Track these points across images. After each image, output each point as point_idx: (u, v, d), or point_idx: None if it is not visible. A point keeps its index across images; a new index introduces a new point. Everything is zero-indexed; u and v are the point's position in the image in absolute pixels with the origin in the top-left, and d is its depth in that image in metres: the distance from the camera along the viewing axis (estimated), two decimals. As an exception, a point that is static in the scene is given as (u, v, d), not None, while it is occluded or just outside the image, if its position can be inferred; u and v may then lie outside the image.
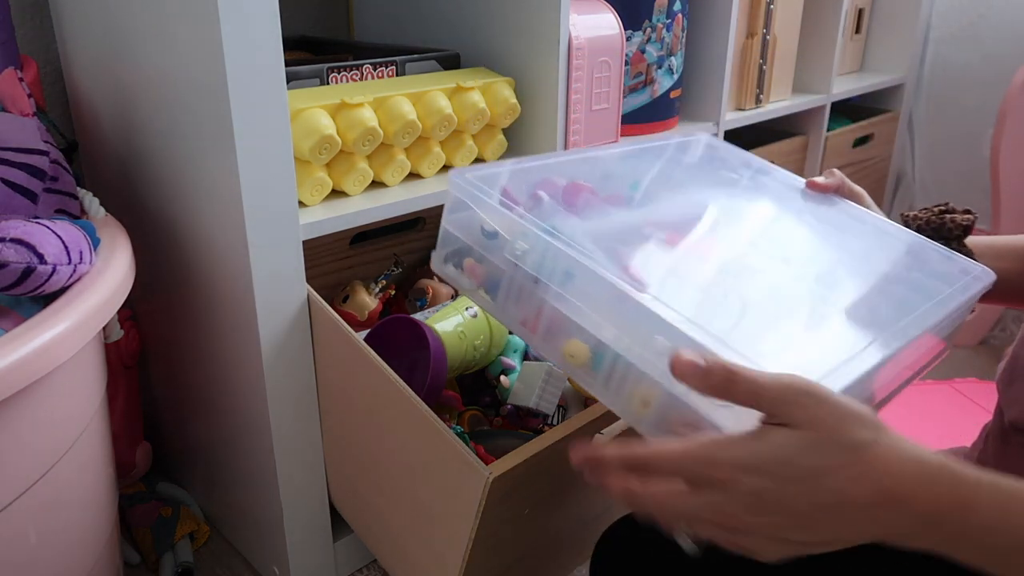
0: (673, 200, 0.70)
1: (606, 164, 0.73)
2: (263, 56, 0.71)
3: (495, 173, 0.62)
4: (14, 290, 0.63)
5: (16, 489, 0.62)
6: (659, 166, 0.74)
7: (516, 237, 0.55)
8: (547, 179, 0.64)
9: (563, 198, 0.63)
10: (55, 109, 1.05)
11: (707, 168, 0.77)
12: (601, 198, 0.65)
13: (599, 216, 0.62)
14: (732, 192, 0.72)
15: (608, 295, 0.49)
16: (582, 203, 0.63)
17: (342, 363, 0.82)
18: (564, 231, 0.54)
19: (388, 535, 0.86)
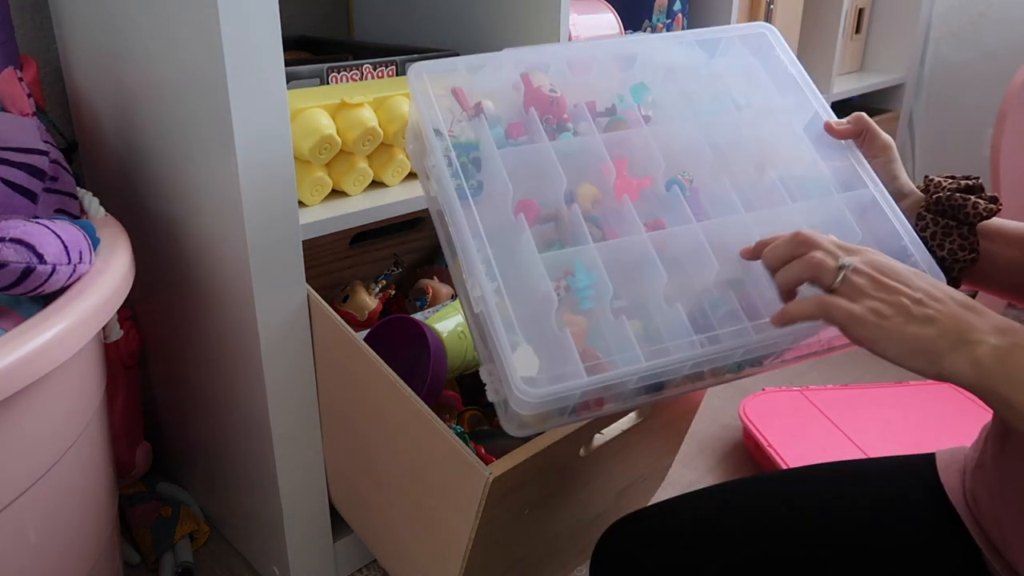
0: (639, 134, 0.69)
1: (613, 61, 0.73)
2: (263, 56, 0.71)
3: (450, 68, 0.68)
4: (14, 290, 0.63)
5: (16, 489, 0.62)
6: (671, 74, 0.73)
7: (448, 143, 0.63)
8: (526, 74, 0.69)
9: (522, 104, 0.68)
10: (55, 109, 1.05)
11: (720, 87, 0.74)
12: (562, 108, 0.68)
13: (533, 143, 0.66)
14: (707, 129, 0.70)
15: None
16: (527, 123, 0.67)
17: (342, 363, 0.82)
18: (484, 156, 0.63)
19: (388, 535, 0.86)
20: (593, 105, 0.69)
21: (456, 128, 0.65)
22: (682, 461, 1.28)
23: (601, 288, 0.59)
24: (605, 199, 0.64)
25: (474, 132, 0.65)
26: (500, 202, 0.62)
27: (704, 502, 0.70)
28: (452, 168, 0.62)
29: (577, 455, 0.77)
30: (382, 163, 0.91)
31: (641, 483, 1.00)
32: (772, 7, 1.41)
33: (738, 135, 0.69)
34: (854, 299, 0.51)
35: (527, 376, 0.54)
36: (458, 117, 0.66)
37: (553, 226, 0.62)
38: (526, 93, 0.68)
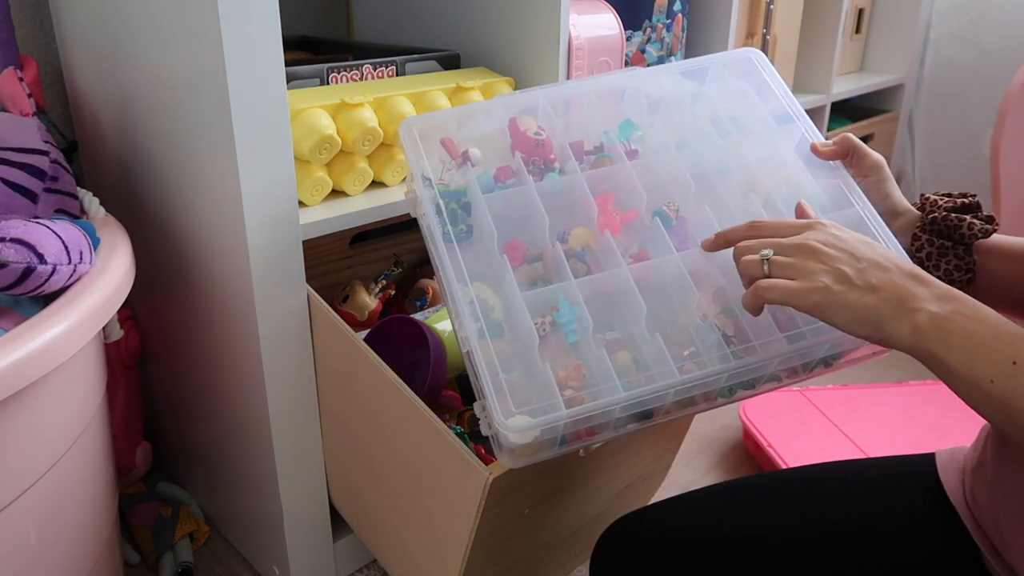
0: (631, 168, 0.71)
1: (599, 101, 0.76)
2: (263, 56, 0.71)
3: (441, 121, 0.73)
4: (14, 290, 0.63)
5: (16, 489, 0.62)
6: (660, 108, 0.75)
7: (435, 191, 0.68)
8: (514, 119, 0.72)
9: (511, 146, 0.71)
10: (55, 109, 1.05)
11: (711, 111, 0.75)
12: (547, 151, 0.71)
13: (520, 185, 0.69)
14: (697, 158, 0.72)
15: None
16: (512, 169, 0.70)
17: (342, 363, 0.82)
18: (472, 200, 0.67)
19: (388, 535, 0.86)
20: (580, 144, 0.73)
21: (446, 176, 0.69)
22: (682, 461, 1.29)
23: (584, 322, 0.61)
24: (593, 237, 0.67)
25: (463, 179, 0.69)
26: (487, 244, 0.65)
27: (704, 502, 0.70)
28: (441, 216, 0.66)
29: (577, 455, 0.77)
30: (382, 163, 0.91)
31: (641, 483, 1.00)
32: (772, 7, 1.41)
33: (725, 162, 0.71)
34: (792, 277, 0.54)
35: (513, 424, 0.57)
36: (447, 166, 0.70)
37: (539, 266, 0.65)
38: (513, 138, 0.71)
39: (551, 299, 0.62)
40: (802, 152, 0.72)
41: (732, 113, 0.75)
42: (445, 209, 0.66)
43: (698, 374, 0.59)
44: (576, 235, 0.67)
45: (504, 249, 0.65)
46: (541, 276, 0.65)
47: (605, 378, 0.59)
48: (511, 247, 0.65)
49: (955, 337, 0.48)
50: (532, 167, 0.70)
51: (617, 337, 0.62)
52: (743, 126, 0.74)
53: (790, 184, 0.70)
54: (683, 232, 0.67)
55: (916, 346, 0.49)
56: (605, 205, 0.68)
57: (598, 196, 0.68)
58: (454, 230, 0.65)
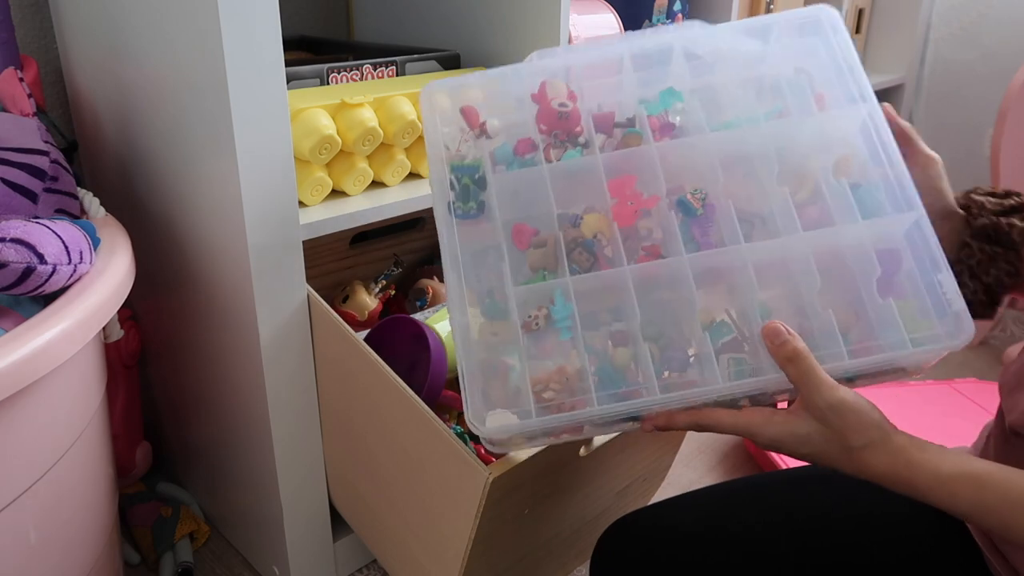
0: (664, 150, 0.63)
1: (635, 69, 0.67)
2: (263, 56, 0.71)
3: (464, 86, 0.67)
4: (14, 290, 0.63)
5: (16, 489, 0.62)
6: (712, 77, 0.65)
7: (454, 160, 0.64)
8: (544, 83, 0.65)
9: (536, 117, 0.65)
10: (55, 109, 1.05)
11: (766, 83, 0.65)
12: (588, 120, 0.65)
13: (536, 163, 0.64)
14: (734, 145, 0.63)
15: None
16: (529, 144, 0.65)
17: (342, 363, 0.82)
18: (488, 178, 0.63)
19: (388, 535, 0.86)
20: (610, 117, 0.65)
21: (463, 147, 0.65)
22: (682, 461, 1.29)
23: (578, 319, 0.58)
24: (607, 224, 0.61)
25: (480, 151, 0.64)
26: (493, 225, 0.62)
27: (704, 502, 0.70)
28: (455, 191, 0.62)
29: (577, 455, 0.77)
30: (382, 163, 0.91)
31: (641, 483, 1.00)
32: (772, 7, 1.41)
33: (772, 143, 0.62)
34: None
35: (486, 423, 0.56)
36: (466, 136, 0.65)
37: (545, 252, 0.61)
38: (539, 108, 0.65)
39: (548, 292, 0.59)
40: (861, 137, 0.62)
41: (789, 84, 0.64)
42: (457, 184, 0.62)
43: (681, 393, 0.55)
44: (589, 221, 0.61)
45: (513, 232, 0.61)
46: (544, 265, 0.61)
47: (586, 385, 0.56)
48: (518, 230, 0.62)
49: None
50: (555, 141, 0.64)
51: (621, 329, 0.59)
52: (800, 100, 0.64)
53: (845, 177, 0.61)
54: (705, 225, 0.60)
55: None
56: (624, 189, 0.62)
57: (618, 178, 0.62)
58: (464, 207, 0.62)
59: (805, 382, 0.52)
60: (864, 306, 0.57)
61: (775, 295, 0.59)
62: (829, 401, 0.51)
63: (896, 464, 0.51)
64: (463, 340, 0.58)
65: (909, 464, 0.51)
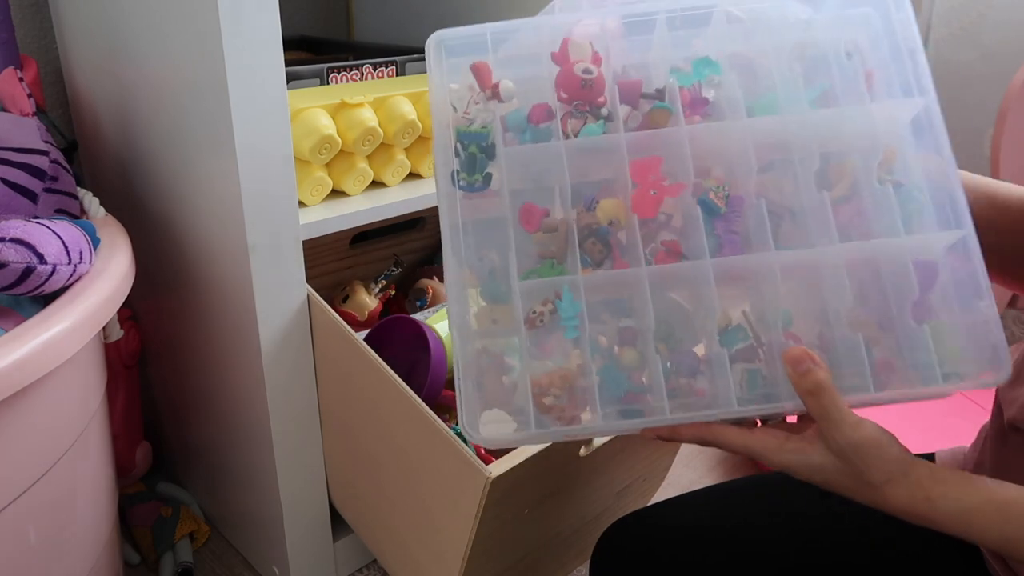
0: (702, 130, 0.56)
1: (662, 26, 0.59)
2: (263, 56, 0.71)
3: (477, 38, 0.60)
4: (14, 290, 0.63)
5: (16, 489, 0.62)
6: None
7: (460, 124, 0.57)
8: (567, 42, 0.57)
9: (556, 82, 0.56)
10: (55, 109, 1.05)
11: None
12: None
13: (551, 137, 0.56)
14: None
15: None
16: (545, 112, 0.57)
17: (342, 363, 0.82)
18: (497, 146, 0.56)
19: (388, 535, 0.86)
20: (637, 86, 0.57)
21: (472, 110, 0.57)
22: (682, 461, 1.28)
23: (585, 319, 0.54)
24: (624, 212, 0.55)
25: (490, 115, 0.56)
26: (501, 201, 0.55)
27: (704, 502, 0.70)
28: (460, 158, 0.55)
29: (577, 455, 0.77)
30: (382, 163, 0.91)
31: (641, 483, 1.00)
32: None
33: (813, 134, 0.55)
34: None
35: (480, 431, 0.52)
36: (475, 98, 0.57)
37: (555, 236, 0.56)
38: (560, 71, 0.57)
39: (555, 287, 0.54)
40: (917, 134, 0.56)
41: (836, 59, 0.57)
42: (463, 152, 0.55)
43: (686, 415, 0.52)
44: (605, 206, 0.55)
45: (520, 212, 0.55)
46: (553, 254, 0.55)
47: (590, 395, 0.52)
48: (527, 210, 0.55)
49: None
50: (575, 111, 0.56)
51: (630, 326, 0.54)
52: (847, 80, 0.56)
53: (887, 174, 0.54)
54: (729, 225, 0.55)
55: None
56: (647, 173, 0.55)
57: (643, 159, 0.55)
58: (469, 178, 0.55)
59: (825, 417, 0.48)
60: (895, 329, 0.52)
61: (800, 301, 0.54)
62: (851, 440, 0.48)
63: (915, 499, 0.49)
64: (459, 326, 0.54)
65: (929, 499, 0.49)
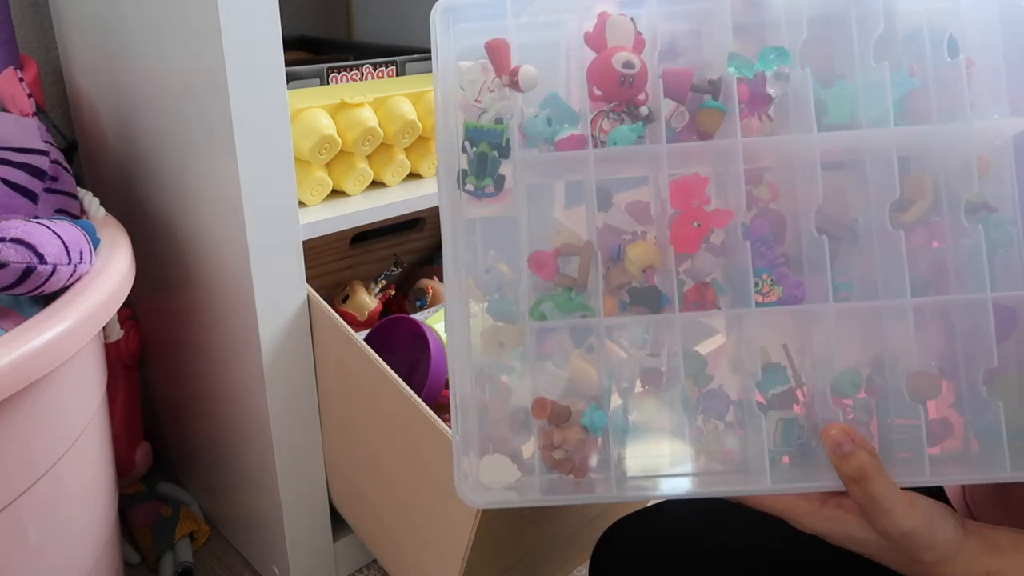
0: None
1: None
2: (263, 56, 0.71)
3: (494, 7, 0.47)
4: (14, 290, 0.63)
5: (16, 489, 0.62)
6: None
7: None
8: (604, 19, 0.46)
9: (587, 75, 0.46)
10: (55, 109, 1.05)
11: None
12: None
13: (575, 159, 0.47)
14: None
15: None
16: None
17: (342, 363, 0.82)
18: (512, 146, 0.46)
19: (388, 535, 0.86)
20: (687, 76, 0.46)
21: (486, 99, 0.47)
22: (682, 461, 1.28)
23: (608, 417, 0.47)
24: (659, 256, 0.46)
25: (506, 108, 0.47)
26: (515, 205, 0.47)
27: (704, 501, 0.70)
28: (468, 156, 0.47)
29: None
30: (382, 163, 0.91)
31: (641, 483, 1.00)
32: (772, 7, 1.41)
33: (895, 145, 0.45)
34: None
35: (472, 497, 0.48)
36: (489, 84, 0.47)
37: (575, 263, 0.47)
38: (595, 58, 0.46)
39: (578, 335, 0.47)
40: (1021, 161, 0.45)
41: (932, 41, 0.45)
42: (471, 151, 0.46)
43: (708, 491, 0.48)
44: (634, 255, 0.46)
45: (529, 262, 0.47)
46: (572, 282, 0.47)
47: (604, 461, 0.46)
48: (537, 261, 0.46)
49: None
50: (611, 113, 0.46)
51: (654, 367, 0.47)
52: (946, 85, 0.45)
53: (977, 191, 0.44)
54: (782, 264, 0.45)
55: None
56: (690, 196, 0.45)
57: (684, 179, 0.45)
58: (478, 183, 0.46)
59: (872, 505, 0.43)
60: (961, 398, 0.45)
61: (851, 339, 0.46)
62: (900, 529, 0.43)
63: (973, 573, 0.45)
64: (459, 346, 0.47)
65: (989, 573, 0.45)
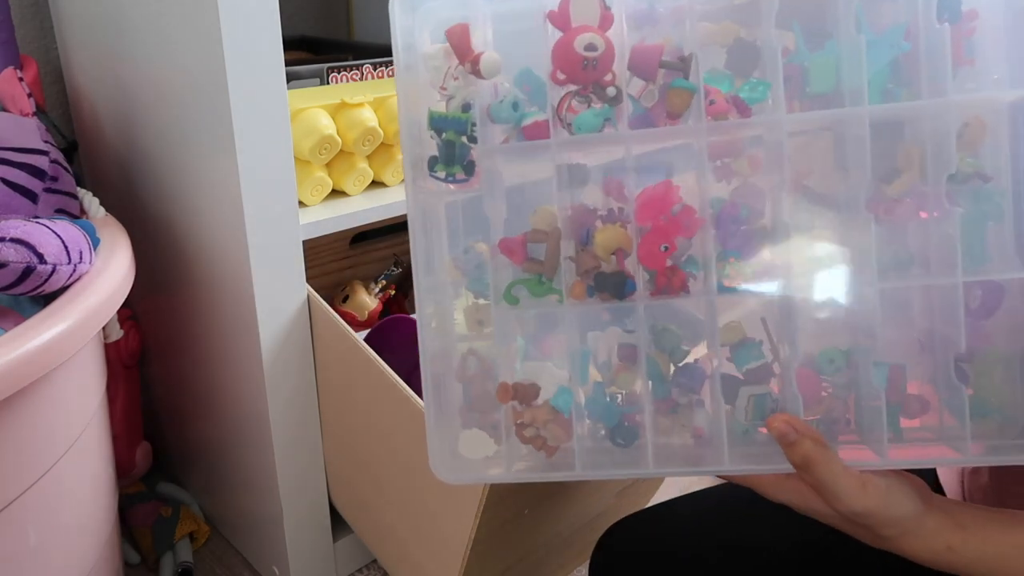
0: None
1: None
2: (263, 56, 0.71)
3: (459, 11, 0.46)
4: (14, 290, 0.63)
5: (16, 489, 0.62)
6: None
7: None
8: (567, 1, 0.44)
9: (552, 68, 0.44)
10: (55, 109, 1.05)
11: None
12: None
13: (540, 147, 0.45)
14: None
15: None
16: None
17: (342, 363, 0.82)
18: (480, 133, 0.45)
19: (388, 535, 0.86)
20: (656, 52, 0.44)
21: (451, 86, 0.46)
22: (682, 461, 1.28)
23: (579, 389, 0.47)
24: (627, 239, 0.46)
25: (470, 94, 0.46)
26: (481, 221, 0.47)
27: (704, 502, 0.70)
28: (436, 143, 0.45)
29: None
30: (382, 163, 0.91)
31: (641, 483, 1.00)
32: (772, 7, 1.41)
33: (884, 119, 0.43)
34: None
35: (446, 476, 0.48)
36: (452, 72, 0.46)
37: (543, 250, 0.47)
38: (559, 39, 0.44)
39: (544, 319, 0.47)
40: (1012, 125, 0.43)
41: (926, 19, 0.42)
42: (438, 139, 0.45)
43: (676, 470, 0.48)
44: (603, 239, 0.45)
45: (500, 247, 0.47)
46: (541, 268, 0.46)
47: (575, 438, 0.47)
48: (506, 246, 0.47)
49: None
50: (578, 97, 0.45)
51: (629, 343, 0.48)
52: (937, 52, 0.42)
53: (971, 157, 0.43)
54: (760, 254, 0.45)
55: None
56: (659, 208, 0.44)
57: (652, 191, 0.44)
58: (447, 169, 0.45)
59: (823, 490, 0.45)
60: (939, 374, 0.45)
61: (831, 315, 0.46)
62: (852, 510, 0.45)
63: (935, 550, 0.46)
64: (438, 327, 0.47)
65: (951, 548, 0.46)
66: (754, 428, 0.47)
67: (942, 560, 0.46)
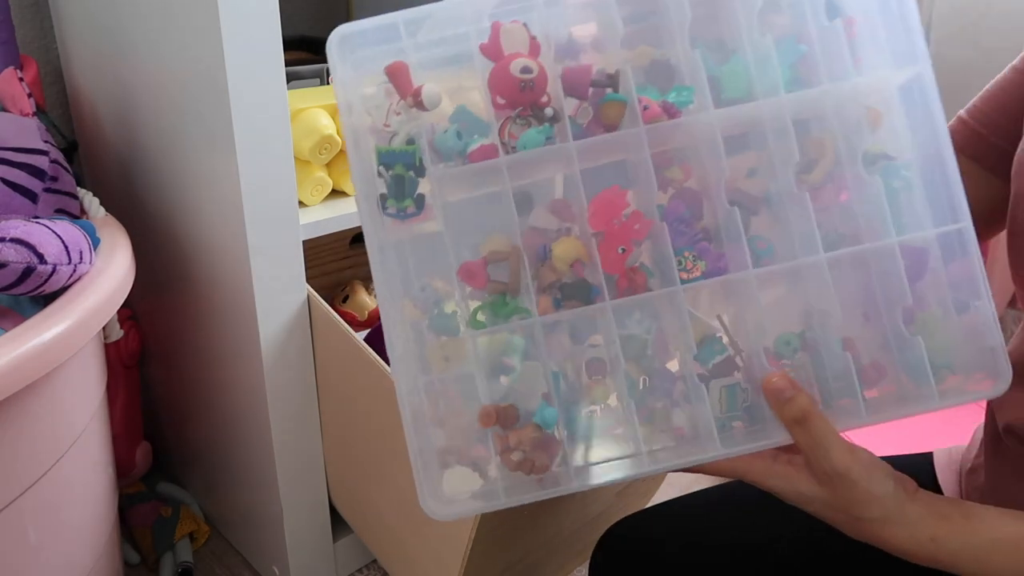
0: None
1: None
2: (263, 56, 0.71)
3: (389, 31, 0.47)
4: (14, 290, 0.63)
5: (16, 489, 0.62)
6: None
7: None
8: (498, 29, 0.46)
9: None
10: (55, 109, 1.05)
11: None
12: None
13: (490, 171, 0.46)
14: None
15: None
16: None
17: (342, 363, 0.82)
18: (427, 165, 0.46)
19: (388, 535, 0.86)
20: (586, 72, 0.46)
21: (394, 122, 0.47)
22: (682, 461, 1.28)
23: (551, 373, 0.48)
24: (584, 250, 0.47)
25: (415, 127, 0.47)
26: (436, 248, 0.47)
27: (704, 502, 0.70)
28: (385, 180, 0.46)
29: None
30: (382, 163, 0.91)
31: (641, 483, 1.00)
32: None
33: (791, 107, 0.47)
34: None
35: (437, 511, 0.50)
36: (395, 107, 0.47)
37: (505, 268, 0.47)
38: (493, 68, 0.46)
39: (504, 346, 0.48)
40: (907, 104, 0.48)
41: (816, 20, 0.47)
42: (387, 174, 0.46)
43: (665, 466, 0.48)
44: (561, 252, 0.46)
45: (459, 274, 0.47)
46: (505, 288, 0.47)
47: (562, 455, 0.48)
48: (466, 271, 0.47)
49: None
50: (517, 119, 0.46)
51: (598, 357, 0.48)
52: (830, 46, 0.47)
53: (874, 142, 0.47)
54: (701, 238, 0.47)
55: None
56: (611, 212, 0.46)
57: (603, 197, 0.46)
58: (398, 205, 0.46)
59: (814, 445, 0.45)
60: (887, 340, 0.47)
61: (778, 303, 0.48)
62: (838, 467, 0.45)
63: (918, 540, 0.46)
64: (402, 367, 0.47)
65: (934, 540, 0.46)
66: (730, 421, 0.48)
67: (926, 552, 0.46)
